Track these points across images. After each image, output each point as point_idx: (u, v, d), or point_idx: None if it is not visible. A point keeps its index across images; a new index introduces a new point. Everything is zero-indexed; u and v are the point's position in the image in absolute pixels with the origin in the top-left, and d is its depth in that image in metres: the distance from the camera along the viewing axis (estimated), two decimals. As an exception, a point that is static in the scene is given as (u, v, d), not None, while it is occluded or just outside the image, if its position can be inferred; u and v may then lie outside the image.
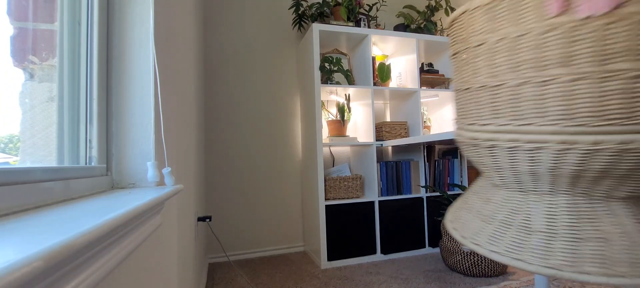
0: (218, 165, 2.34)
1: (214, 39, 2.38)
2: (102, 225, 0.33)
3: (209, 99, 2.36)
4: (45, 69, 0.61)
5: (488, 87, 0.55)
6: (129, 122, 0.71)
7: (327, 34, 2.24)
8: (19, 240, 0.27)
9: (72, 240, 0.27)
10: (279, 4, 2.54)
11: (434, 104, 2.74)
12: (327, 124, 2.38)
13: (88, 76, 0.67)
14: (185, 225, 1.16)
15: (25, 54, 0.58)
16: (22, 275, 0.20)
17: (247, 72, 2.45)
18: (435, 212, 2.34)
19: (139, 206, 0.44)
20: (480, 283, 1.75)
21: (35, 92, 0.60)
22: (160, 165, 0.74)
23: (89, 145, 0.66)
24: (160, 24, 0.79)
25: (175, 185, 0.72)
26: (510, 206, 0.55)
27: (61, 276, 0.31)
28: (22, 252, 0.22)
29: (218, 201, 2.33)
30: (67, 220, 0.35)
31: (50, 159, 0.61)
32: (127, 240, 0.49)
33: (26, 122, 0.58)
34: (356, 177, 2.25)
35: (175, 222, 0.94)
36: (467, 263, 1.83)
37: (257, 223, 2.40)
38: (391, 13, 2.87)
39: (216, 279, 1.95)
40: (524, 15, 0.49)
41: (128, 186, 0.70)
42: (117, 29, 0.71)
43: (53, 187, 0.48)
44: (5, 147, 0.54)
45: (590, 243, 0.48)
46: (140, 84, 0.71)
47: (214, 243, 2.30)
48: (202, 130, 2.05)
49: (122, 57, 0.71)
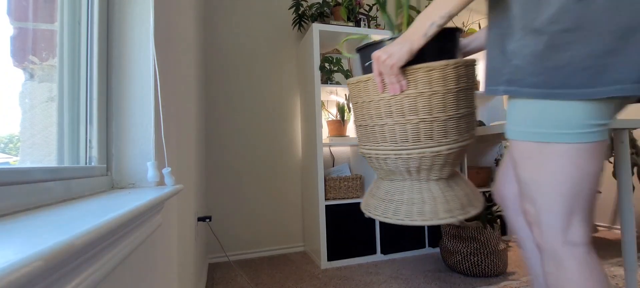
0: (218, 165, 2.34)
1: (214, 39, 2.38)
2: (102, 225, 0.33)
3: (209, 98, 2.36)
4: (45, 69, 0.61)
5: (364, 125, 0.96)
6: (129, 122, 0.71)
7: (327, 34, 2.24)
8: (19, 240, 0.27)
9: (72, 240, 0.27)
10: (279, 4, 2.54)
11: (434, 104, 2.74)
12: (327, 124, 2.38)
13: (88, 76, 0.67)
14: (185, 225, 1.16)
15: (25, 54, 0.58)
16: (23, 275, 0.20)
17: (247, 72, 2.45)
18: (435, 212, 2.34)
19: (139, 206, 0.44)
20: (480, 283, 1.75)
21: (35, 92, 0.60)
22: (160, 165, 0.74)
23: (89, 145, 0.66)
24: (160, 24, 0.79)
25: (175, 185, 0.72)
26: (389, 189, 0.97)
27: (61, 276, 0.31)
28: (23, 252, 0.22)
29: (218, 201, 2.33)
30: (67, 220, 0.35)
31: (50, 159, 0.61)
32: (127, 240, 0.49)
33: (26, 122, 0.58)
34: (356, 177, 2.25)
35: (175, 222, 0.94)
36: (467, 263, 1.83)
37: (257, 223, 2.40)
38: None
39: (216, 279, 1.95)
40: (370, 91, 0.90)
41: (128, 186, 0.70)
42: (117, 29, 0.71)
43: (53, 187, 0.48)
44: (5, 147, 0.54)
45: (417, 204, 0.90)
46: (140, 84, 0.71)
47: (214, 243, 2.30)
48: (202, 130, 2.05)
49: (122, 57, 0.71)
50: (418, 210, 0.88)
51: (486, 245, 1.81)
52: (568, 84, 0.66)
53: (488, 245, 1.81)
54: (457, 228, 1.88)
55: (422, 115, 0.82)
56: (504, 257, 1.85)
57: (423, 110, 0.82)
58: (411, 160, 0.86)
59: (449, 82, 0.81)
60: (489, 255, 1.80)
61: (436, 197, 0.89)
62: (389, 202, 0.94)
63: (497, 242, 1.84)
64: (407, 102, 0.83)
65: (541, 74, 0.67)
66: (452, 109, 0.83)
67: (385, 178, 0.98)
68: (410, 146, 0.85)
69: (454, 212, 0.87)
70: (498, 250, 1.82)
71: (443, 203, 0.88)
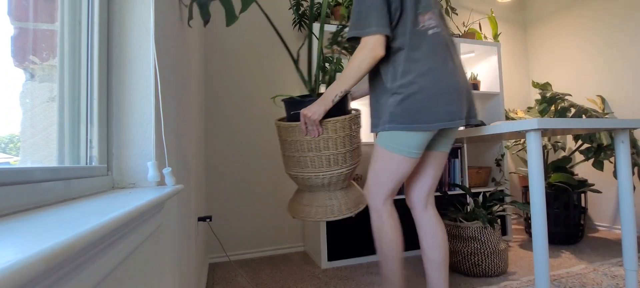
0: (218, 165, 2.34)
1: (214, 39, 2.38)
2: (102, 225, 0.33)
3: (209, 98, 2.36)
4: (46, 69, 0.61)
5: (291, 156, 1.32)
6: (129, 122, 0.71)
7: (328, 34, 2.23)
8: (20, 240, 0.27)
9: (72, 240, 0.27)
10: (279, 4, 2.54)
11: (434, 104, 2.74)
12: (327, 124, 2.38)
13: (88, 76, 0.67)
14: (186, 225, 1.16)
15: (25, 54, 0.58)
16: (23, 275, 0.20)
17: (248, 72, 2.45)
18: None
19: (139, 206, 0.44)
20: (480, 283, 1.75)
21: (35, 92, 0.60)
22: (161, 165, 0.74)
23: (90, 145, 0.66)
24: (160, 24, 0.79)
25: (175, 185, 0.72)
26: (310, 198, 1.36)
27: (62, 276, 0.31)
28: (23, 252, 0.22)
29: (218, 201, 2.33)
30: (67, 220, 0.35)
31: (50, 159, 0.61)
32: (128, 240, 0.49)
33: (27, 122, 0.58)
34: (356, 178, 2.25)
35: (175, 222, 0.94)
36: (467, 263, 1.83)
37: (257, 223, 2.40)
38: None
39: (216, 279, 1.95)
40: (296, 133, 1.27)
41: (128, 186, 0.70)
42: (117, 29, 0.71)
43: (53, 187, 0.48)
44: (6, 147, 0.54)
45: (329, 206, 1.32)
46: (140, 84, 0.71)
47: (214, 243, 2.30)
48: (202, 130, 2.05)
49: (122, 57, 0.71)
50: (330, 210, 1.32)
51: (486, 245, 1.81)
52: (415, 121, 1.15)
53: (488, 245, 1.81)
54: (458, 228, 1.87)
55: (331, 150, 1.26)
56: (505, 257, 1.85)
57: (332, 146, 1.25)
58: (325, 178, 1.29)
59: (346, 128, 1.26)
60: (490, 255, 1.80)
61: (340, 200, 1.34)
62: (310, 207, 1.35)
63: (498, 242, 1.84)
64: (322, 142, 1.25)
65: (402, 116, 1.16)
66: (348, 145, 1.28)
67: (306, 191, 1.38)
68: (325, 169, 1.28)
69: (351, 209, 1.34)
70: (498, 250, 1.82)
71: (345, 204, 1.34)
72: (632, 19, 2.61)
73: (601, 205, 2.83)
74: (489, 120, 2.72)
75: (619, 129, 1.39)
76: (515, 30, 3.44)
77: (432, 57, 1.16)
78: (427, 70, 1.14)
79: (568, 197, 2.38)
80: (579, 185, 2.42)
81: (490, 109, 2.71)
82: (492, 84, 2.68)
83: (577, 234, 2.40)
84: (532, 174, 1.19)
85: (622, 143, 1.39)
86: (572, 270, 1.90)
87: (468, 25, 3.14)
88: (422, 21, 1.18)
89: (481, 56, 2.78)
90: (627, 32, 2.65)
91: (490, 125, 1.31)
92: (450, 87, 1.16)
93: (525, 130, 1.19)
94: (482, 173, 2.57)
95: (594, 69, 2.88)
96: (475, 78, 2.71)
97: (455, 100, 1.16)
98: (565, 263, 2.02)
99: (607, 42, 2.78)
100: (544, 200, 1.19)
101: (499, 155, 2.59)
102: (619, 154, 1.40)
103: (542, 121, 1.15)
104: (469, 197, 2.01)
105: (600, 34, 2.83)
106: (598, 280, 1.73)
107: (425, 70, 1.14)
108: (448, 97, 1.15)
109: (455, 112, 1.16)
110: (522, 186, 2.78)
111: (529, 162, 1.20)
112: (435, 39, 1.18)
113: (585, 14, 2.94)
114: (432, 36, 1.17)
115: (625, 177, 1.39)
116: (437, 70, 1.15)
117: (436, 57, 1.16)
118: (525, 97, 3.43)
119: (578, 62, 3.00)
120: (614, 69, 2.74)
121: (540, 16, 3.32)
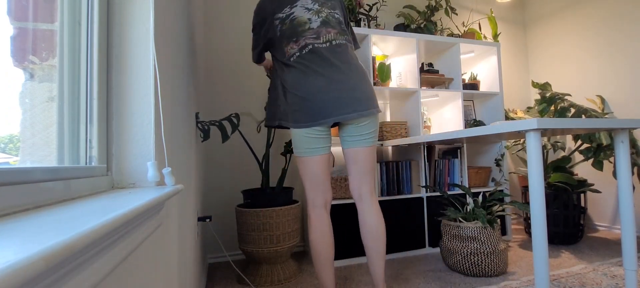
0: (218, 165, 2.34)
1: (214, 39, 2.38)
2: (102, 225, 0.33)
3: (210, 98, 2.36)
4: (46, 69, 0.61)
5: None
6: (129, 122, 0.71)
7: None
8: (20, 240, 0.27)
9: (72, 240, 0.27)
10: (279, 4, 2.54)
11: (434, 104, 2.74)
12: (327, 124, 2.38)
13: (88, 76, 0.67)
14: (186, 225, 1.16)
15: (25, 54, 0.58)
16: (23, 275, 0.20)
17: (248, 72, 2.45)
18: (436, 212, 2.34)
19: (139, 206, 0.44)
20: (480, 283, 1.75)
21: (35, 92, 0.60)
22: (161, 165, 0.74)
23: (89, 145, 0.66)
24: (160, 24, 0.79)
25: (175, 185, 0.72)
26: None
27: (62, 276, 0.31)
28: (23, 252, 0.22)
29: (218, 201, 2.33)
30: (67, 220, 0.35)
31: (50, 159, 0.61)
32: (128, 240, 0.49)
33: (26, 122, 0.58)
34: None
35: (175, 222, 0.94)
36: (467, 263, 1.83)
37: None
38: (391, 13, 2.87)
39: (216, 279, 1.95)
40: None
41: (128, 186, 0.70)
42: (117, 29, 0.71)
43: (53, 187, 0.48)
44: (6, 147, 0.54)
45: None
46: (140, 84, 0.71)
47: (214, 243, 2.30)
48: (202, 130, 2.05)
49: (122, 57, 0.71)
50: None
51: (486, 245, 1.81)
52: (296, 121, 1.37)
53: (488, 245, 1.81)
54: (457, 228, 1.88)
55: None
56: (504, 256, 1.86)
57: None
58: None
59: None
60: (489, 255, 1.80)
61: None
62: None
63: (497, 242, 1.84)
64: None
65: (289, 114, 1.40)
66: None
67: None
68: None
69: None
70: (498, 250, 1.82)
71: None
72: (632, 19, 2.62)
73: (601, 205, 2.83)
74: (488, 120, 2.72)
75: (618, 129, 1.39)
76: (515, 30, 3.44)
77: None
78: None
79: (568, 197, 2.38)
80: (578, 185, 2.42)
81: (490, 109, 2.71)
82: (491, 84, 2.68)
83: (577, 234, 2.40)
84: (531, 174, 1.19)
85: (622, 143, 1.39)
86: (572, 270, 1.90)
87: (468, 25, 3.14)
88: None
89: (481, 56, 2.78)
90: (626, 32, 2.65)
91: (490, 125, 1.31)
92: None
93: (524, 130, 1.19)
94: (481, 173, 2.58)
95: (593, 69, 2.89)
96: (475, 78, 2.71)
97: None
98: (565, 263, 2.03)
99: (607, 42, 2.78)
100: (544, 200, 1.19)
101: (498, 155, 2.60)
102: (619, 154, 1.40)
103: (542, 121, 1.15)
104: (468, 197, 2.01)
105: (600, 34, 2.83)
106: (598, 280, 1.73)
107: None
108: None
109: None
110: (521, 186, 2.78)
111: (528, 162, 1.20)
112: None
113: (585, 14, 2.94)
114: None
115: (625, 177, 1.39)
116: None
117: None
118: (524, 97, 3.43)
119: (578, 62, 3.00)
120: (613, 69, 2.74)
121: (540, 16, 3.33)
